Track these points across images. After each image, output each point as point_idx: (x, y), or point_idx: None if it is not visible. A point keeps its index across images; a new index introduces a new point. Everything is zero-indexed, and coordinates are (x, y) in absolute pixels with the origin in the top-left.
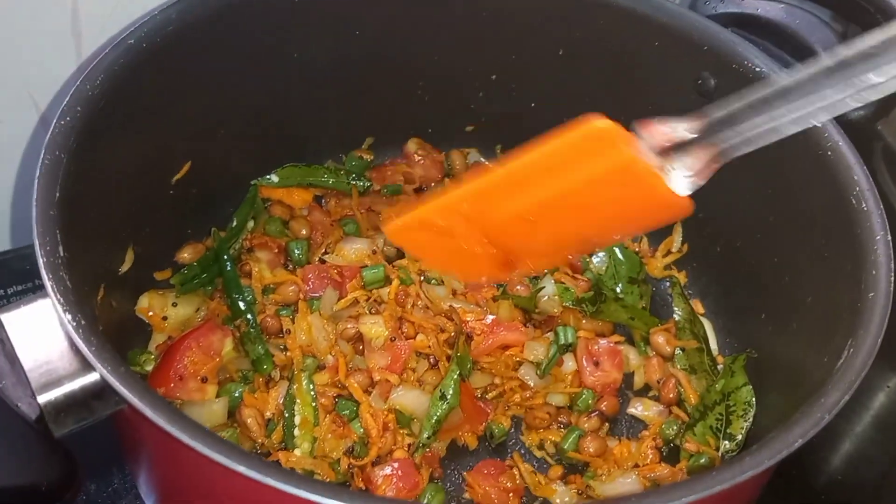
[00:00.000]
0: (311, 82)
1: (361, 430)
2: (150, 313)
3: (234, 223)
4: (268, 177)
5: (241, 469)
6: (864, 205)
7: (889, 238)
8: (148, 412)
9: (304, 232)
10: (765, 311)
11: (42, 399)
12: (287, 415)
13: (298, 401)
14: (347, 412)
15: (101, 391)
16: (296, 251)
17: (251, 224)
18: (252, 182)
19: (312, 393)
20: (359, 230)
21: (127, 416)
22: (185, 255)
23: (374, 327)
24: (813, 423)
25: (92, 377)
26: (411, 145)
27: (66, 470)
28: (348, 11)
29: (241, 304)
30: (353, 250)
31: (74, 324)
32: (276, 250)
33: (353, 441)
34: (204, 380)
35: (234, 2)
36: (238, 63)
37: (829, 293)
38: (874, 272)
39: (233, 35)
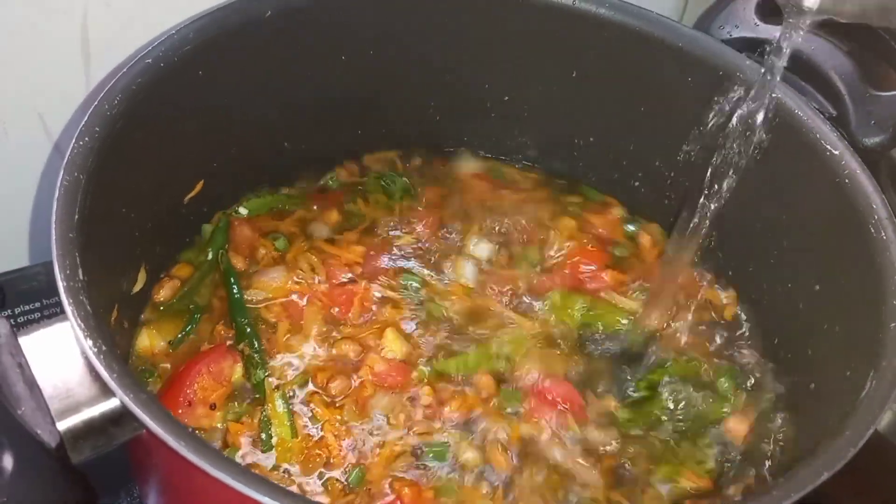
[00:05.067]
0: (325, 99)
1: None
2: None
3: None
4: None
5: (267, 501)
6: (882, 233)
7: None
8: (171, 441)
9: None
10: (778, 336)
11: (62, 426)
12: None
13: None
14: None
15: (119, 417)
16: None
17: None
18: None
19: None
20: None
21: (143, 441)
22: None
23: None
24: (838, 455)
25: (111, 403)
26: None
27: (84, 500)
28: (362, 32)
29: (247, 329)
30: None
31: (95, 349)
32: None
33: None
34: (213, 406)
35: (251, 19)
36: (254, 80)
37: (847, 321)
38: (895, 302)
39: (249, 53)
